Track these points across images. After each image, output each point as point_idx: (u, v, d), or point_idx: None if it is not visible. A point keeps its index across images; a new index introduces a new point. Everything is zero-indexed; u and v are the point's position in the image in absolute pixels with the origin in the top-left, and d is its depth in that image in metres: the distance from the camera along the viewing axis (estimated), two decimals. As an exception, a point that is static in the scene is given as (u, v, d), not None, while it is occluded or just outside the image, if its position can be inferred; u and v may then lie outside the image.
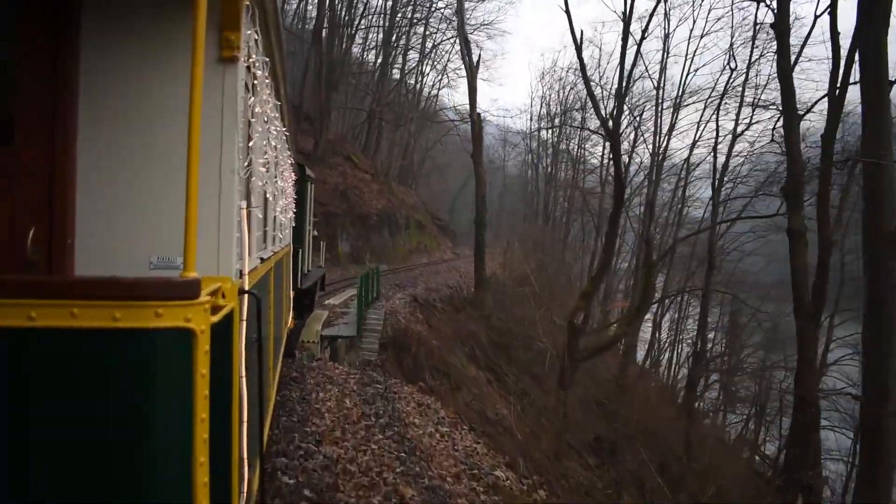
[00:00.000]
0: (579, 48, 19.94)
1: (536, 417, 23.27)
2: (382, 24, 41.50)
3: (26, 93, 2.91)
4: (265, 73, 3.93)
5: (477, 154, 26.22)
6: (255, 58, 3.46)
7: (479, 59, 26.96)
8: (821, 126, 19.69)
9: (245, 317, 2.78)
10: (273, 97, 4.71)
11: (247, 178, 3.40)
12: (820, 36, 51.06)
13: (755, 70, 27.44)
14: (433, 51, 46.27)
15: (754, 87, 28.06)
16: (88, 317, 1.76)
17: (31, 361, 1.77)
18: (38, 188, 2.90)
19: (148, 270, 2.95)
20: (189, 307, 1.87)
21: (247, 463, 2.81)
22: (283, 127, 5.98)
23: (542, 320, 22.29)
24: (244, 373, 2.70)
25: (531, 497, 9.82)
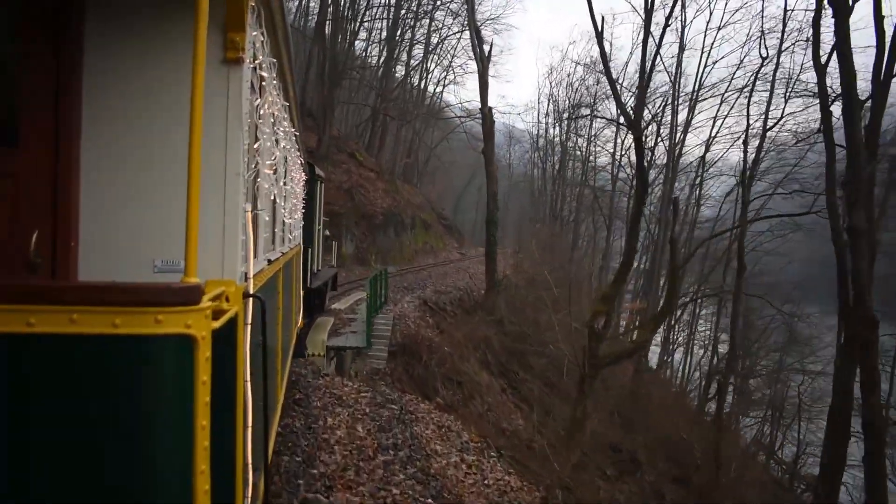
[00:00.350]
0: (600, 35, 18.51)
1: (554, 428, 22.01)
2: (387, 17, 40.02)
3: (29, 94, 2.88)
4: (272, 75, 3.84)
5: (488, 150, 24.78)
6: (261, 59, 3.39)
7: (490, 50, 25.61)
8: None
9: (250, 320, 2.71)
10: (281, 98, 4.62)
11: (253, 180, 3.33)
12: (859, 21, 49.26)
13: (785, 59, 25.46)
14: (439, 45, 44.77)
15: (787, 78, 26.30)
16: (88, 323, 1.73)
17: (31, 367, 1.74)
18: (41, 190, 2.88)
19: (152, 273, 2.91)
20: (189, 313, 1.83)
21: (251, 468, 2.71)
22: (293, 128, 5.91)
23: (560, 324, 20.83)
24: (249, 377, 2.63)
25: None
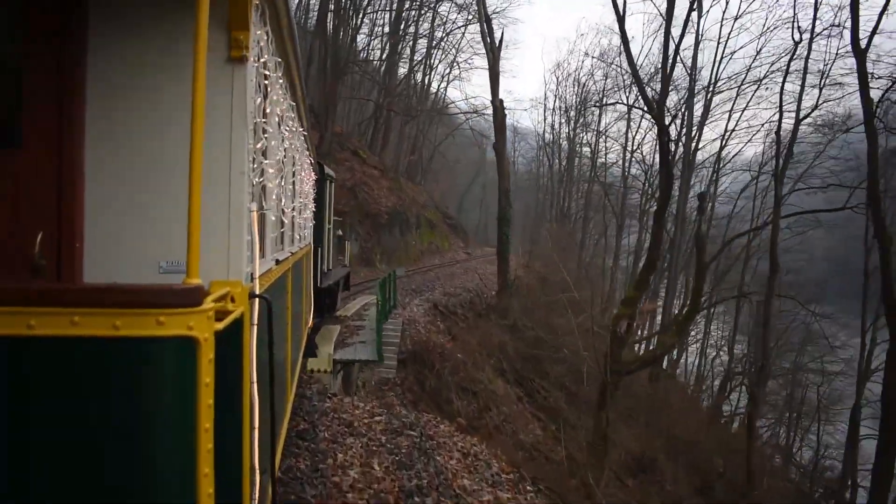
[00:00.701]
0: (622, 18, 17.11)
1: (577, 440, 20.68)
2: (390, 9, 38.61)
3: (31, 94, 2.85)
4: (278, 74, 3.86)
5: (500, 144, 23.38)
6: (266, 58, 3.36)
7: (501, 40, 24.19)
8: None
9: (256, 321, 2.68)
10: (288, 97, 4.60)
11: (259, 179, 3.28)
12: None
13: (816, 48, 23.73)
14: (443, 40, 43.31)
15: (821, 65, 24.63)
16: (89, 325, 1.71)
17: (31, 370, 1.72)
18: (45, 191, 2.84)
19: (158, 274, 2.85)
20: (191, 315, 1.80)
21: (258, 470, 2.66)
22: (301, 127, 5.83)
23: (579, 328, 19.46)
24: (255, 379, 2.61)
25: None
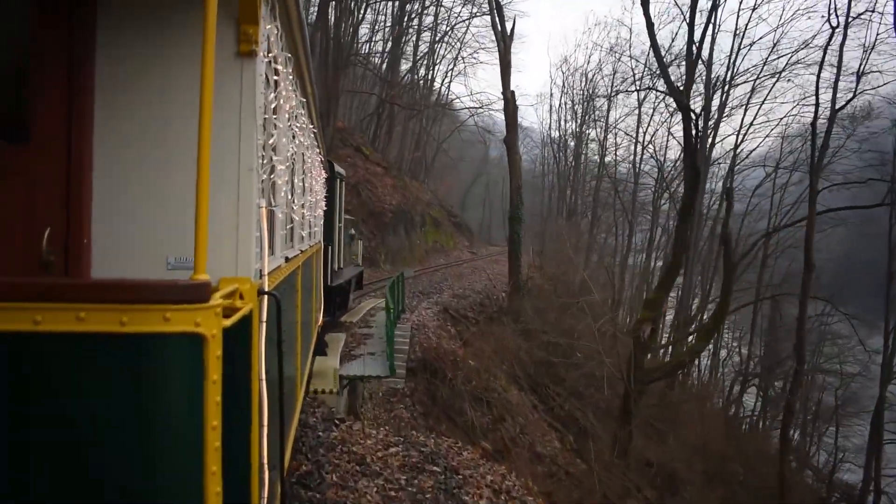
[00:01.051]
0: (646, 2, 15.82)
1: (590, 448, 19.40)
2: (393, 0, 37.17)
3: (41, 90, 2.83)
4: (288, 69, 3.80)
5: (511, 138, 22.04)
6: (276, 52, 3.32)
7: (513, 28, 22.80)
8: None
9: (265, 318, 2.60)
10: (298, 93, 4.55)
11: (268, 175, 3.29)
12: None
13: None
14: (449, 33, 41.87)
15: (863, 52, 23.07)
16: (95, 321, 1.67)
17: (36, 367, 1.67)
18: (53, 187, 2.82)
19: (165, 271, 2.83)
20: (199, 311, 1.76)
21: (267, 469, 2.59)
22: (311, 124, 5.93)
23: (599, 333, 18.16)
24: (264, 376, 2.51)
25: None
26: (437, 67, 45.74)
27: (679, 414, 26.56)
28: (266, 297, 2.66)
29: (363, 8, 35.75)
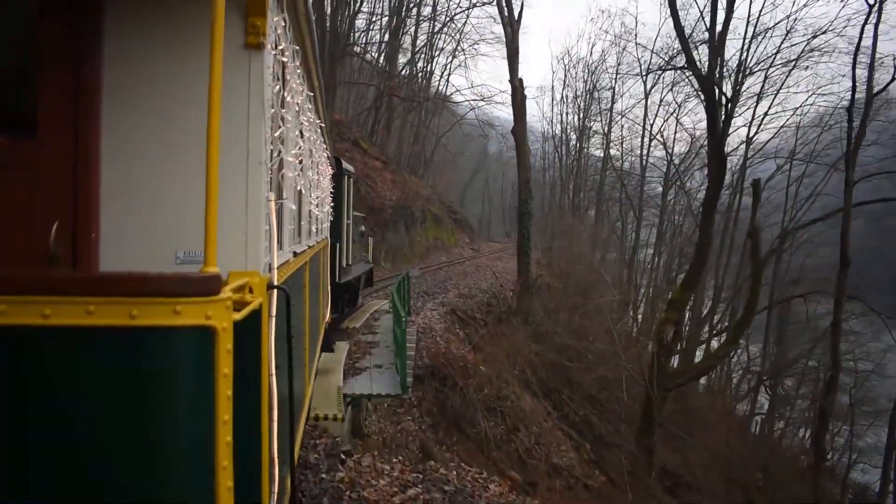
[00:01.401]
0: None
1: (605, 457, 18.22)
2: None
3: (47, 84, 2.79)
4: (296, 63, 3.77)
5: (519, 128, 20.71)
6: (283, 45, 3.27)
7: (521, 12, 21.44)
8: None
9: (274, 312, 2.60)
10: (305, 87, 4.48)
11: (277, 169, 3.25)
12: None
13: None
14: (448, 24, 40.43)
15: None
16: (104, 314, 1.64)
17: (45, 361, 1.65)
18: (61, 181, 2.79)
19: (174, 265, 2.79)
20: (209, 304, 1.74)
21: (277, 463, 2.59)
22: (318, 119, 5.80)
23: (617, 334, 16.91)
24: (274, 370, 2.52)
25: None
26: (436, 60, 44.38)
27: (694, 417, 25.41)
28: (276, 291, 2.65)
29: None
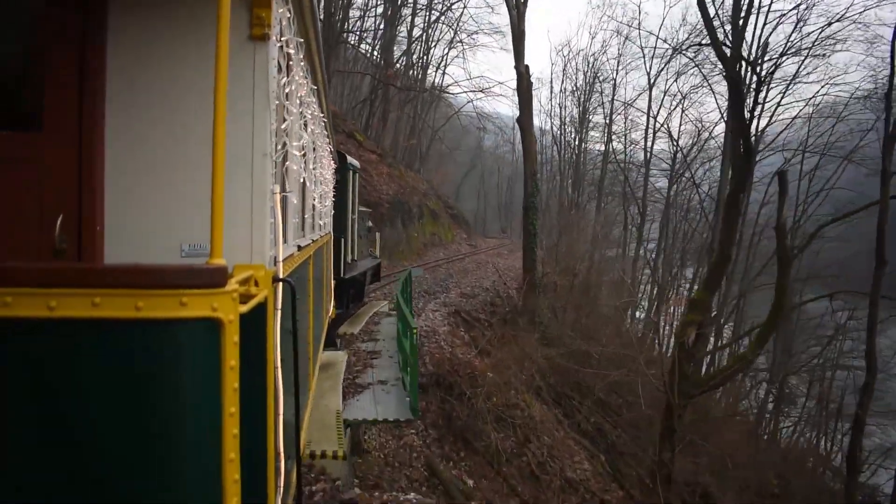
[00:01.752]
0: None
1: (620, 468, 17.08)
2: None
3: (53, 78, 2.78)
4: (300, 56, 3.76)
5: (526, 117, 19.49)
6: (288, 37, 3.26)
7: (527, -7, 20.22)
8: None
9: (280, 305, 2.65)
10: (309, 80, 4.47)
11: (281, 162, 3.24)
12: None
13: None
14: (445, 13, 39.05)
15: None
16: (110, 306, 1.62)
17: (50, 353, 1.63)
18: (66, 174, 2.78)
19: (179, 258, 2.78)
20: (215, 296, 1.72)
21: (283, 456, 2.59)
22: (322, 113, 5.78)
23: (629, 338, 15.66)
24: (279, 363, 2.54)
25: None
26: (432, 51, 42.98)
27: (706, 421, 24.39)
28: (281, 283, 2.67)
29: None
